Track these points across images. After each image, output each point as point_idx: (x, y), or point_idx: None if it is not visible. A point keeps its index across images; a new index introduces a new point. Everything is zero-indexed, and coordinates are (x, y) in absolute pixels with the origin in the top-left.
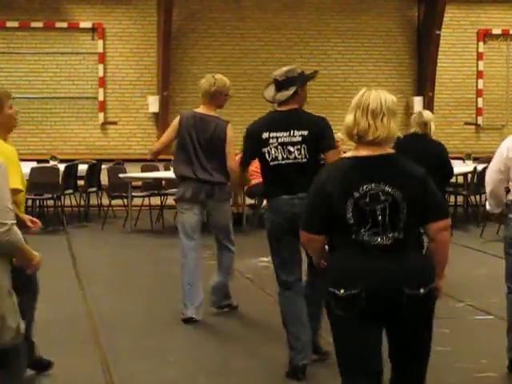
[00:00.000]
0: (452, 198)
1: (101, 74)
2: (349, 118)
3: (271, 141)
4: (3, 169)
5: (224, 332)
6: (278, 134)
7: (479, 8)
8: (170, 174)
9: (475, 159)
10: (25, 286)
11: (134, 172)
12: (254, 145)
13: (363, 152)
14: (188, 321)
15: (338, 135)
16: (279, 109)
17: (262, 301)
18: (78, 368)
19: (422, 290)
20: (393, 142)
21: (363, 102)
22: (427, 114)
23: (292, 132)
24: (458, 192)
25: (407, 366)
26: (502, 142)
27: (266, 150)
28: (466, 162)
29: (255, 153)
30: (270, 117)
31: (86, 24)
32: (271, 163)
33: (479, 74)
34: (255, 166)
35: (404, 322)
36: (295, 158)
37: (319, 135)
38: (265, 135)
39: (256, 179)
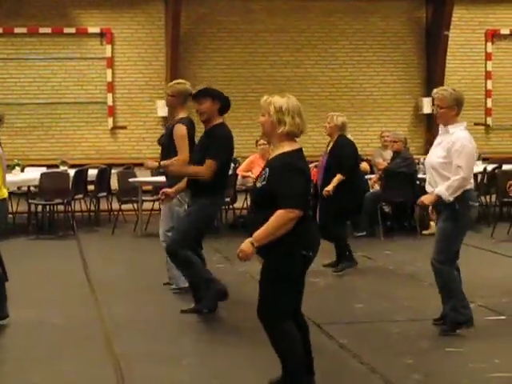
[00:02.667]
0: None
1: (109, 78)
2: (296, 121)
3: None
4: None
5: (237, 336)
6: None
7: (487, 8)
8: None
9: (485, 160)
10: None
11: (143, 176)
12: None
13: (296, 146)
14: None
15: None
16: None
17: None
18: (90, 373)
19: None
20: None
21: (294, 106)
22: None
23: None
24: None
25: None
26: None
27: None
28: (476, 162)
29: None
30: None
31: (94, 29)
32: None
33: (488, 75)
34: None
35: None
36: None
37: None
38: None
39: None
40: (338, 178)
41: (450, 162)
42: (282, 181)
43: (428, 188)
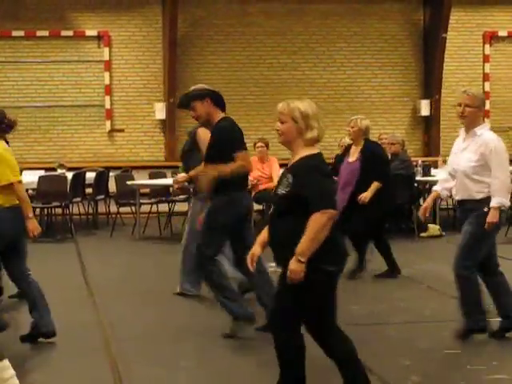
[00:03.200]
0: None
1: (107, 81)
2: (321, 125)
3: None
4: None
5: (235, 338)
6: None
7: (485, 10)
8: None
9: None
10: None
11: (141, 179)
12: None
13: (317, 150)
14: None
15: (346, 140)
16: None
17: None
18: (88, 376)
19: None
20: None
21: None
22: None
23: None
24: None
25: None
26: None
27: None
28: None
29: None
30: None
31: (91, 32)
32: None
33: (486, 77)
34: (263, 172)
35: None
36: None
37: None
38: None
39: (264, 185)
40: (376, 185)
41: (483, 164)
42: (310, 184)
43: (457, 196)
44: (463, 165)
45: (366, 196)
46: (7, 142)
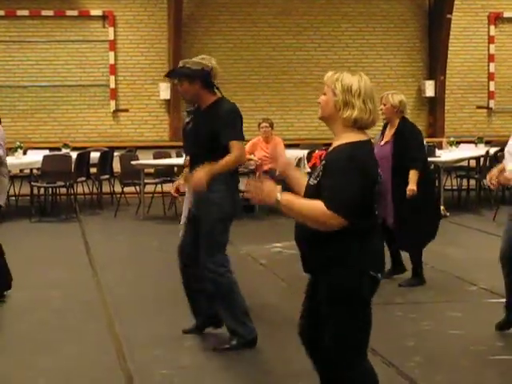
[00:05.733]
0: (465, 182)
1: (112, 61)
2: (368, 106)
3: None
4: None
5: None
6: None
7: None
8: (182, 160)
9: (487, 143)
10: None
11: (146, 159)
12: None
13: (363, 136)
14: None
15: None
16: None
17: (276, 286)
18: (93, 356)
19: None
20: None
21: (366, 87)
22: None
23: None
24: (470, 175)
25: None
26: None
27: None
28: (478, 145)
29: None
30: None
31: (96, 12)
32: None
33: (491, 58)
34: (267, 152)
35: None
36: None
37: None
38: None
39: (267, 165)
40: (414, 174)
41: None
42: (333, 175)
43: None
44: None
45: (413, 188)
46: None
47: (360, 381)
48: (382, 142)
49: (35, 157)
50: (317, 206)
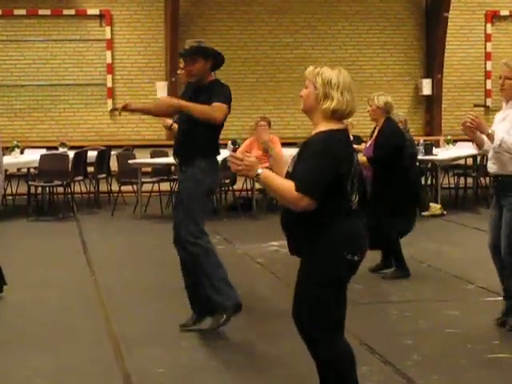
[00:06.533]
0: (462, 180)
1: (109, 60)
2: (345, 98)
3: None
4: None
5: (236, 317)
6: None
7: None
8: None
9: None
10: None
11: (143, 158)
12: None
13: (340, 125)
14: None
15: (349, 120)
16: None
17: (273, 284)
18: (90, 355)
19: None
20: None
21: (345, 81)
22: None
23: None
24: (467, 174)
25: None
26: None
27: None
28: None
29: None
30: None
31: (93, 11)
32: None
33: (487, 56)
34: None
35: None
36: None
37: None
38: None
39: (264, 164)
40: (364, 161)
41: None
42: (305, 159)
43: (491, 169)
44: (499, 135)
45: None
46: None
47: (338, 357)
48: (368, 143)
49: (32, 156)
50: (288, 186)
